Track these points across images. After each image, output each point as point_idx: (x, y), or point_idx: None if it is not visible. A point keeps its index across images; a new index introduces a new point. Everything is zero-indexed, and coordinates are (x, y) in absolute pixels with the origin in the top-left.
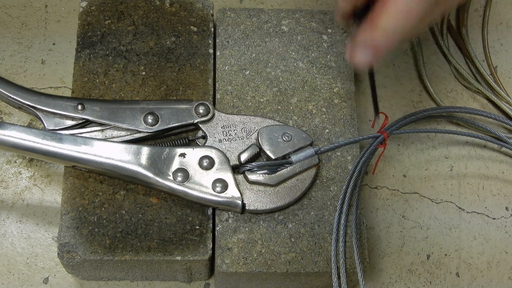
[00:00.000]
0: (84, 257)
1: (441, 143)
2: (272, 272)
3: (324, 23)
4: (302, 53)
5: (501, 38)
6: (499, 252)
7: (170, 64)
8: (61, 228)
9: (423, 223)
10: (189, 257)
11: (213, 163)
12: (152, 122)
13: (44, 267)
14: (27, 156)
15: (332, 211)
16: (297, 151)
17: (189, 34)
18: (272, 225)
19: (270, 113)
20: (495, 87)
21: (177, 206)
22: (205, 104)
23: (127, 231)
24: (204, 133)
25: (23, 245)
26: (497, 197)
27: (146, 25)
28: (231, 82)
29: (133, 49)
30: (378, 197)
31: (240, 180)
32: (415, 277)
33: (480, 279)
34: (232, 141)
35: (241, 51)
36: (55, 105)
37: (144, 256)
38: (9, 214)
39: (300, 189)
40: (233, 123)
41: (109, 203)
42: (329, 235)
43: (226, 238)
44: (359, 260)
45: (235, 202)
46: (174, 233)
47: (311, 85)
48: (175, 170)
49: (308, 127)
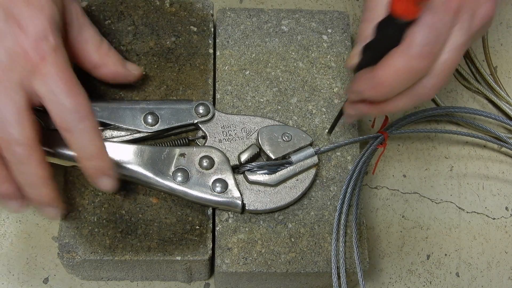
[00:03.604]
0: (84, 257)
1: (441, 143)
2: (272, 272)
3: (324, 23)
4: (302, 53)
5: (501, 38)
6: (499, 252)
7: (170, 64)
8: (61, 228)
9: (423, 223)
10: (189, 257)
11: (213, 163)
12: (152, 122)
13: (44, 267)
14: None
15: (332, 211)
16: (297, 151)
17: (189, 34)
18: (272, 225)
19: (270, 113)
20: (495, 87)
21: (177, 206)
22: (205, 104)
23: (127, 231)
24: (204, 133)
25: (23, 245)
26: (497, 197)
27: (146, 25)
28: (231, 82)
29: (133, 49)
30: (378, 197)
31: (240, 180)
32: (415, 277)
33: (480, 279)
34: (232, 141)
35: (241, 51)
36: None
37: (144, 256)
38: (9, 214)
39: (300, 189)
40: (233, 123)
41: (109, 203)
42: (329, 235)
43: (226, 238)
44: (359, 260)
45: (235, 202)
46: (174, 233)
47: (311, 85)
48: (175, 170)
49: (308, 127)
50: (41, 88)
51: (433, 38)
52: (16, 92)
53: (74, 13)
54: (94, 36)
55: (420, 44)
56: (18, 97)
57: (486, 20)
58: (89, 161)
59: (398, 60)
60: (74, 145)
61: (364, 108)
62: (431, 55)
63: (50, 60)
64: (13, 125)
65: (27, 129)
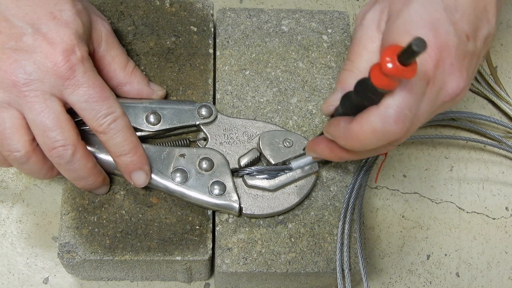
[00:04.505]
0: (84, 257)
1: (441, 143)
2: (272, 272)
3: (324, 23)
4: (302, 53)
5: (501, 38)
6: (499, 252)
7: (170, 64)
8: (61, 228)
9: (423, 223)
10: (189, 257)
11: (212, 165)
12: (154, 122)
13: (44, 267)
14: None
15: (332, 211)
16: (298, 157)
17: (189, 34)
18: (272, 225)
19: (270, 113)
20: (495, 87)
21: (177, 206)
22: (208, 106)
23: (127, 231)
24: (205, 134)
25: (23, 245)
26: (497, 197)
27: (146, 25)
28: (231, 82)
29: (133, 49)
30: (378, 197)
31: (238, 183)
32: (415, 277)
33: (480, 279)
34: (233, 144)
35: (241, 51)
36: None
37: (144, 256)
38: (9, 214)
39: (299, 195)
40: (235, 127)
41: (109, 203)
42: (329, 235)
43: (226, 238)
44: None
45: (232, 206)
46: (174, 233)
47: (311, 85)
48: (174, 170)
49: (308, 127)
50: (72, 97)
51: (410, 104)
52: (50, 99)
53: (103, 33)
54: (121, 56)
55: (398, 109)
56: (53, 104)
57: (452, 97)
58: (124, 157)
59: (374, 121)
60: (109, 144)
61: (330, 150)
62: (408, 120)
63: (79, 70)
64: (54, 129)
65: (67, 131)
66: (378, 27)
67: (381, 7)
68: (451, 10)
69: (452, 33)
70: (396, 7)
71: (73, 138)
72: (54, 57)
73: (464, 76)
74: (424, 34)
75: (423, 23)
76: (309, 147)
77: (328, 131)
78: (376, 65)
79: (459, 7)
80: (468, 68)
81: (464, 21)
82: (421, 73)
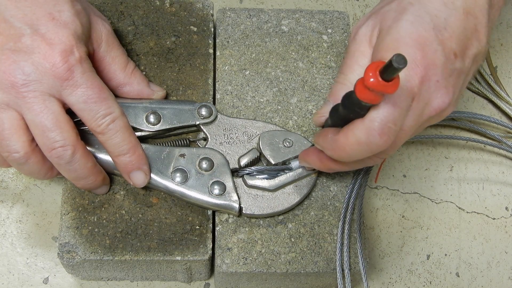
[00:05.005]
0: (84, 257)
1: (441, 143)
2: (272, 272)
3: (324, 23)
4: (302, 53)
5: (501, 38)
6: (499, 252)
7: (170, 64)
8: (61, 228)
9: (423, 223)
10: (189, 257)
11: (212, 165)
12: (154, 121)
13: (44, 267)
14: None
15: (332, 211)
16: (298, 157)
17: (189, 34)
18: (272, 225)
19: (270, 113)
20: (495, 87)
21: (177, 206)
22: (208, 106)
23: (127, 231)
24: (205, 134)
25: (23, 245)
26: (497, 197)
27: (146, 25)
28: (231, 82)
29: (133, 49)
30: (378, 197)
31: (238, 183)
32: (415, 277)
33: (480, 279)
34: (233, 144)
35: (241, 51)
36: None
37: (144, 256)
38: (9, 214)
39: (299, 195)
40: (235, 127)
41: (109, 203)
42: (329, 235)
43: (226, 238)
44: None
45: (231, 206)
46: (174, 233)
47: (311, 85)
48: (174, 170)
49: (308, 127)
50: (71, 98)
51: (395, 118)
52: (49, 100)
53: (103, 33)
54: (121, 57)
55: (382, 122)
56: (51, 104)
57: (437, 112)
58: (123, 157)
59: (359, 133)
60: (108, 145)
61: (320, 160)
62: (392, 133)
63: (77, 71)
64: (53, 129)
65: (66, 131)
66: (369, 43)
67: (373, 23)
68: (439, 29)
69: (439, 52)
70: (387, 24)
71: (72, 138)
72: (52, 58)
73: (450, 92)
74: (412, 52)
75: (411, 42)
76: (301, 157)
77: (317, 141)
78: (361, 79)
79: (448, 27)
80: (455, 85)
81: (453, 40)
82: (406, 89)
